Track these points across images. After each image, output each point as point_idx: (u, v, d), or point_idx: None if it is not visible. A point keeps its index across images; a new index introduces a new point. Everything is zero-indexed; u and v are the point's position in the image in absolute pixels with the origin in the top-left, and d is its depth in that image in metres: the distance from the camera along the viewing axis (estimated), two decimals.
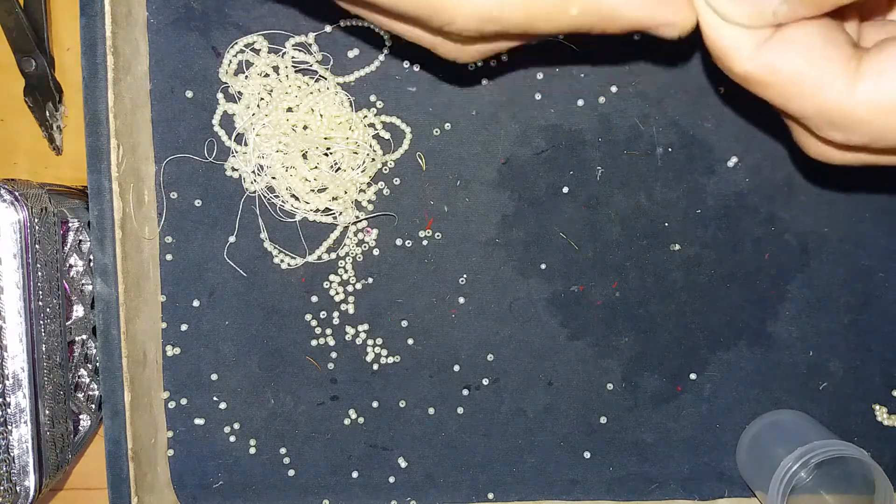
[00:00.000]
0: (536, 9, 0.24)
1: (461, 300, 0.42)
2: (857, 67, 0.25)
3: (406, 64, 0.40)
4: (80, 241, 0.40)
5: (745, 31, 0.25)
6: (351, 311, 0.42)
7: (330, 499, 0.42)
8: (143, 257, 0.40)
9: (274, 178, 0.40)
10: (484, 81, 0.40)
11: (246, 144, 0.40)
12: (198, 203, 0.41)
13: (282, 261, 0.41)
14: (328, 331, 0.42)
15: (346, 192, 0.40)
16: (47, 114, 0.43)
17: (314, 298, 0.41)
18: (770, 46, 0.25)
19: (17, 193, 0.36)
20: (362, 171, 0.40)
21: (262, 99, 0.39)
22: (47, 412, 0.37)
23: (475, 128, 0.41)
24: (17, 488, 0.37)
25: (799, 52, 0.25)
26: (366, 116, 0.40)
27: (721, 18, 0.25)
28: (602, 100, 0.41)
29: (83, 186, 0.42)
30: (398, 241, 0.41)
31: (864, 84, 0.25)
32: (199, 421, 0.42)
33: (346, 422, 0.42)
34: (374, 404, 0.42)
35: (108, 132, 0.37)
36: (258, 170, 0.40)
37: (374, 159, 0.40)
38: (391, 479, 0.42)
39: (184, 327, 0.41)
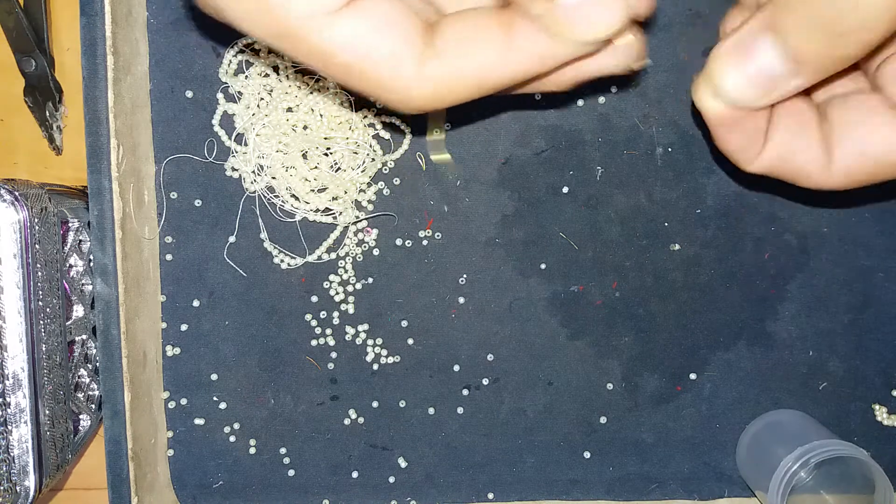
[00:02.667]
0: (486, 73, 0.24)
1: (461, 300, 0.42)
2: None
3: None
4: (80, 241, 0.40)
5: None
6: (351, 311, 0.42)
7: (330, 499, 0.42)
8: (143, 257, 0.40)
9: (274, 178, 0.40)
10: None
11: (246, 144, 0.40)
12: (198, 203, 0.41)
13: (282, 261, 0.41)
14: (328, 331, 0.42)
15: (346, 192, 0.40)
16: (47, 114, 0.43)
17: (314, 298, 0.41)
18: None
19: (17, 193, 0.36)
20: (362, 171, 0.40)
21: (262, 99, 0.39)
22: (47, 412, 0.37)
23: (475, 128, 0.41)
24: (17, 488, 0.37)
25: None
26: (366, 116, 0.40)
27: None
28: (602, 100, 0.41)
29: (83, 186, 0.42)
30: (398, 241, 0.41)
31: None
32: (199, 421, 0.42)
33: (346, 422, 0.42)
34: (374, 404, 0.42)
35: (108, 132, 0.37)
36: (258, 170, 0.40)
37: (374, 159, 0.40)
38: (391, 479, 0.42)
39: (184, 327, 0.41)
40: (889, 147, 0.25)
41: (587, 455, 0.42)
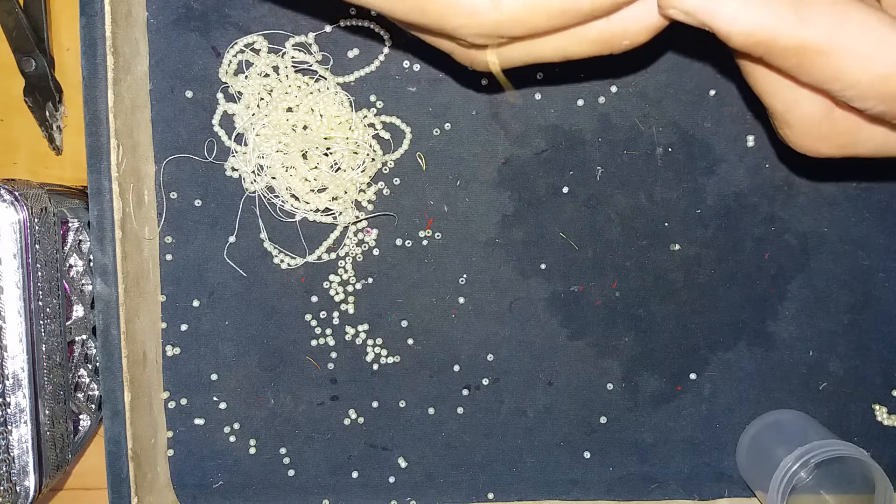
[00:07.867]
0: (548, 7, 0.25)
1: (461, 300, 0.42)
2: None
3: (406, 64, 0.40)
4: (80, 241, 0.40)
5: None
6: (351, 311, 0.42)
7: (330, 499, 0.42)
8: (143, 257, 0.40)
9: (274, 178, 0.40)
10: (484, 81, 0.40)
11: (246, 144, 0.40)
12: (198, 203, 0.41)
13: (282, 261, 0.41)
14: (328, 331, 0.42)
15: (346, 192, 0.40)
16: (47, 114, 0.43)
17: (314, 298, 0.41)
18: None
19: (17, 193, 0.36)
20: (362, 171, 0.40)
21: (262, 99, 0.39)
22: (47, 412, 0.37)
23: (475, 128, 0.41)
24: (17, 488, 0.37)
25: None
26: (366, 116, 0.40)
27: None
28: (602, 100, 0.41)
29: (83, 186, 0.42)
30: (398, 241, 0.41)
31: None
32: (199, 421, 0.42)
33: (346, 422, 0.42)
34: (374, 404, 0.42)
35: (108, 132, 0.37)
36: (258, 170, 0.40)
37: (374, 159, 0.40)
38: (391, 479, 0.42)
39: (184, 327, 0.41)
40: None
41: (587, 455, 0.42)
